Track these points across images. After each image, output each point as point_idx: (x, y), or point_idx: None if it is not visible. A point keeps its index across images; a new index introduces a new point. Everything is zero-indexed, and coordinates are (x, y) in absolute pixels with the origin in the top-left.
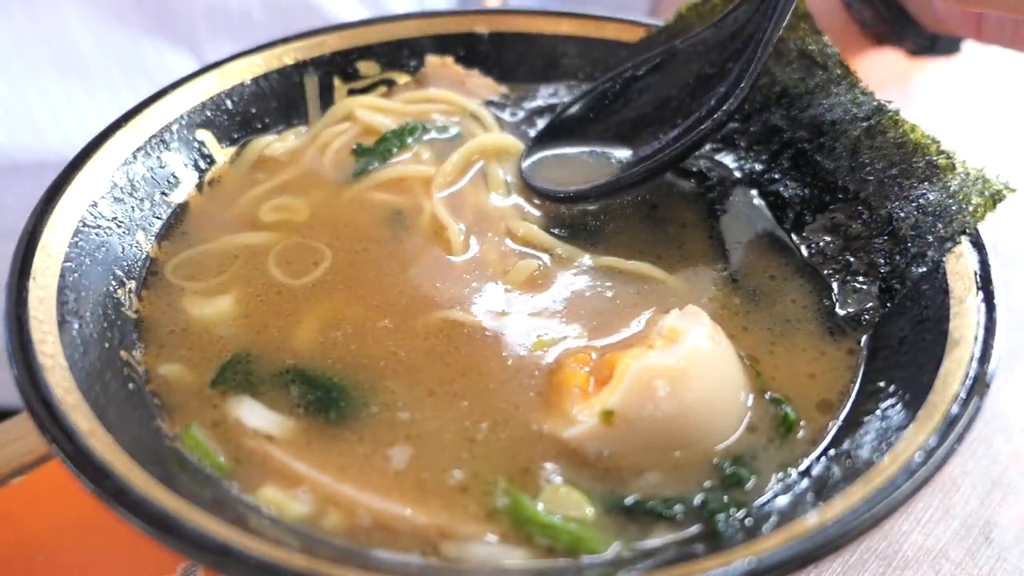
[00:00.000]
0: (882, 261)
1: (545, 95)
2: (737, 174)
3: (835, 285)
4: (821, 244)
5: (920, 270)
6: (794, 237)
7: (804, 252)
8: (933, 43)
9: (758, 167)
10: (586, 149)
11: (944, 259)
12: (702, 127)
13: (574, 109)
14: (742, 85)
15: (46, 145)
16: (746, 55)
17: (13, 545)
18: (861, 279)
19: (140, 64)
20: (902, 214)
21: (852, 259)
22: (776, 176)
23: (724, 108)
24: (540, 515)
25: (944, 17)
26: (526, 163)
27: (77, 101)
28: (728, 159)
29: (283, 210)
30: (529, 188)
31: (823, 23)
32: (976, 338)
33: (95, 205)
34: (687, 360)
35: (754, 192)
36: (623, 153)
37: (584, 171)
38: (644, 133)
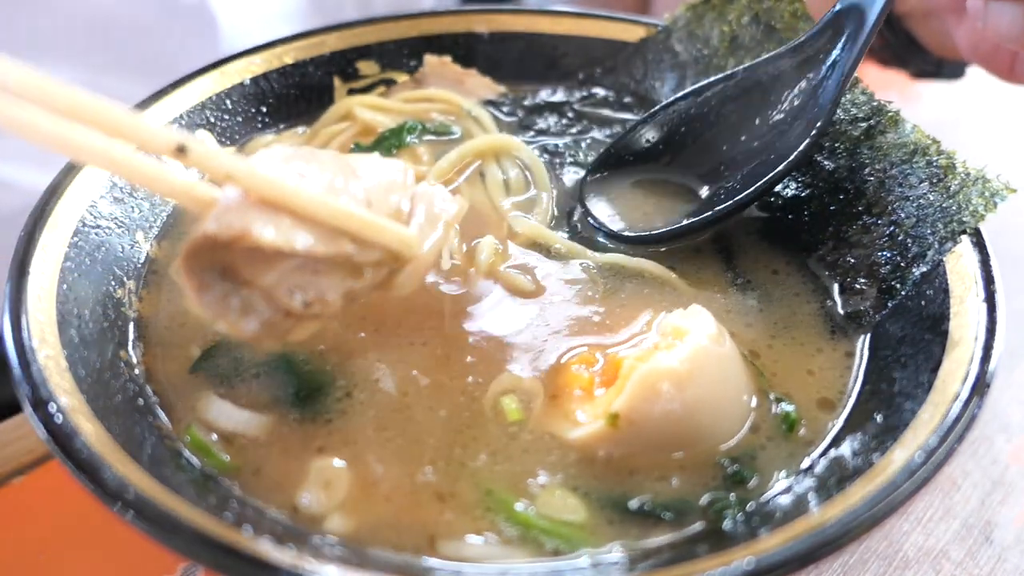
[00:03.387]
0: (882, 261)
1: (544, 94)
2: None
3: (836, 285)
4: (822, 245)
5: (920, 270)
6: (796, 237)
7: (806, 252)
8: (939, 67)
9: None
10: (652, 178)
11: (944, 259)
12: (784, 163)
13: (635, 136)
14: (821, 122)
15: None
16: (824, 87)
17: (13, 545)
18: (862, 279)
19: None
20: (902, 214)
21: (853, 259)
22: None
23: (806, 142)
24: (531, 519)
25: (969, 53)
26: (586, 197)
27: None
28: None
29: None
30: (592, 226)
31: None
32: (976, 338)
33: (95, 205)
34: (691, 363)
35: None
36: (695, 186)
37: (653, 206)
38: (716, 166)
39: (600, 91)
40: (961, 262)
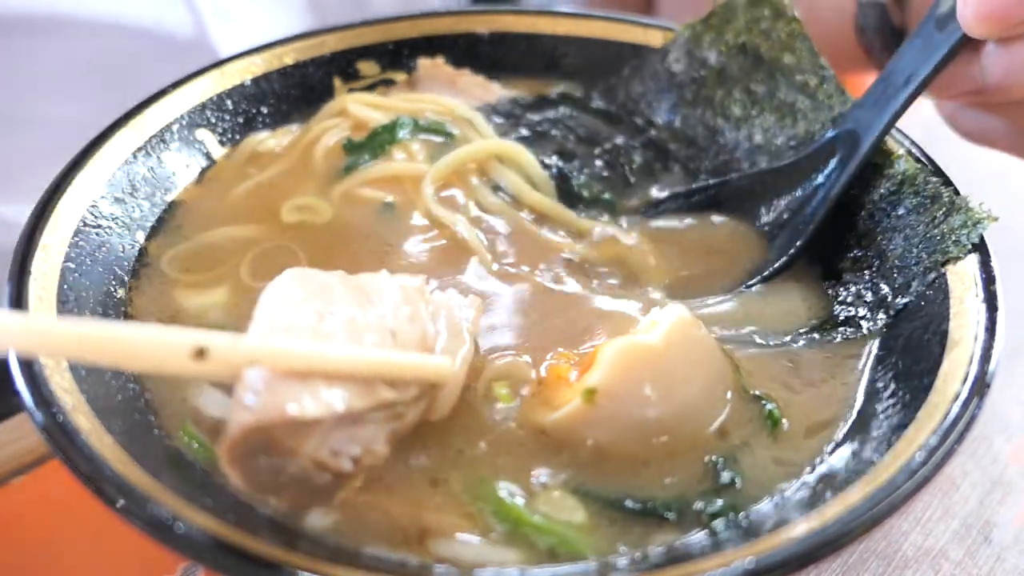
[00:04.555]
0: (869, 293)
1: (542, 102)
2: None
3: (827, 314)
4: (813, 274)
5: (905, 300)
6: (787, 269)
7: (798, 283)
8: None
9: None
10: None
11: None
12: (767, 270)
13: None
14: (798, 244)
15: None
16: (811, 204)
17: (13, 545)
18: (850, 306)
19: None
20: (891, 245)
21: (843, 291)
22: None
23: (789, 254)
24: (525, 516)
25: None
26: None
27: None
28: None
29: (305, 210)
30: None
31: (831, 45)
32: (976, 338)
33: (95, 205)
34: (667, 338)
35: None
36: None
37: None
38: None
39: (600, 104)
40: (961, 262)
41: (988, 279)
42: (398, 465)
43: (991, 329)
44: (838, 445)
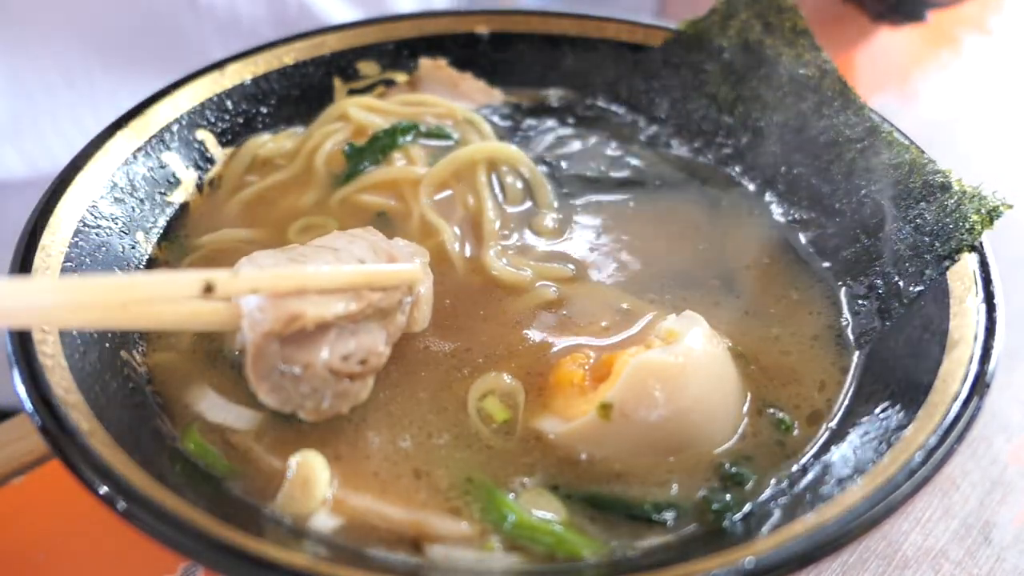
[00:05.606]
0: (880, 283)
1: (543, 101)
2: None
3: (836, 305)
4: (821, 269)
5: (918, 289)
6: (797, 263)
7: (805, 274)
8: (898, 2)
9: (752, 188)
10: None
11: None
12: None
13: None
14: None
15: (55, 161)
16: None
17: (13, 545)
18: (861, 301)
19: (148, 88)
20: (901, 235)
21: (852, 281)
22: (773, 199)
23: None
24: (525, 516)
25: None
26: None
27: (85, 123)
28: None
29: (312, 229)
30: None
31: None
32: (976, 338)
33: (95, 205)
34: (686, 357)
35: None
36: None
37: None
38: None
39: (600, 102)
40: (961, 262)
41: (987, 279)
42: (392, 476)
43: (991, 329)
44: (839, 445)
